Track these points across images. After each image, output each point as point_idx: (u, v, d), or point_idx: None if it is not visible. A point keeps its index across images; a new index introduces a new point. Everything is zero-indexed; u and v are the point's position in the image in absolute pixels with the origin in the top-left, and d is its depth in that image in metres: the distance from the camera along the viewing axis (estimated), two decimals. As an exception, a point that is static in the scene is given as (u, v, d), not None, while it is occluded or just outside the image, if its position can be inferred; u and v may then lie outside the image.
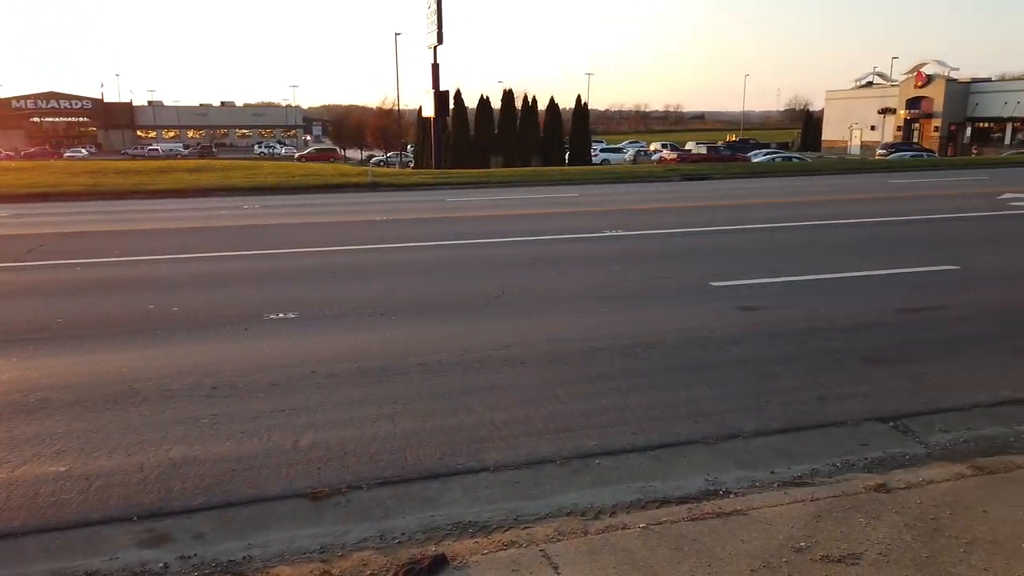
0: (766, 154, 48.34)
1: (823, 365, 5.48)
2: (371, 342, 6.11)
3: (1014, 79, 58.42)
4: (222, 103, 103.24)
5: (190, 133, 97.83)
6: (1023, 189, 17.67)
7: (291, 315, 6.91)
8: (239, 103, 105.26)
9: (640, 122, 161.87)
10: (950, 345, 5.91)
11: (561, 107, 52.31)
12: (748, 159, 44.41)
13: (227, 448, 4.18)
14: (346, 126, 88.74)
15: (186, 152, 78.33)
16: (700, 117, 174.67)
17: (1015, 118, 55.23)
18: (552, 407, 4.75)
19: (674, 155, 48.96)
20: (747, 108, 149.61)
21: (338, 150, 70.70)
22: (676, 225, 12.80)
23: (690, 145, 59.12)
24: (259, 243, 11.33)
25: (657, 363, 5.56)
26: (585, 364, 5.54)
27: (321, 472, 3.92)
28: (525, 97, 49.28)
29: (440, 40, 32.30)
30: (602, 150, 58.97)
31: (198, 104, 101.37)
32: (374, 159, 70.13)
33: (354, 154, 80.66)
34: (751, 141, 67.26)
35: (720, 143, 61.09)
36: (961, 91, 59.60)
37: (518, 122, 47.95)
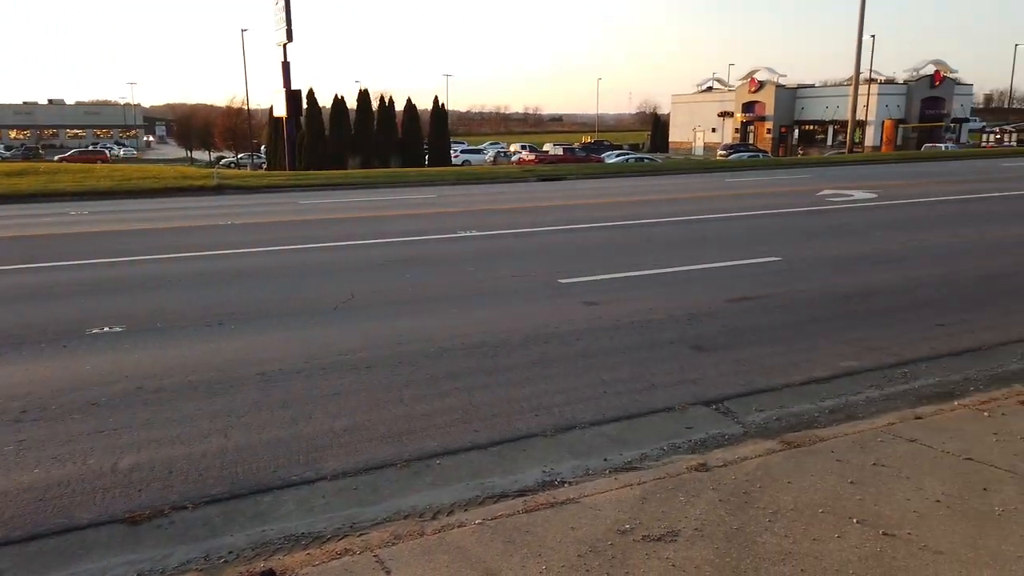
0: (618, 155, 50.48)
1: (657, 355, 5.78)
2: (207, 353, 5.81)
3: (835, 85, 64.27)
4: (50, 101, 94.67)
5: (12, 134, 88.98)
6: (839, 186, 19.47)
7: (117, 328, 6.44)
8: (70, 101, 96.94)
9: (501, 124, 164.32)
10: (769, 331, 6.40)
11: (420, 108, 52.16)
12: (602, 160, 46.19)
13: (34, 476, 3.83)
14: (192, 126, 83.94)
15: (7, 154, 71.13)
16: (558, 119, 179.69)
17: (836, 121, 60.75)
18: (396, 410, 4.71)
19: (532, 156, 50.08)
20: (602, 111, 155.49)
21: (107, 152, 65.80)
22: (529, 225, 13.08)
23: (548, 147, 60.62)
24: (84, 252, 10.48)
25: (503, 361, 5.65)
26: (432, 365, 5.54)
27: (142, 494, 3.67)
28: (382, 98, 48.64)
29: (290, 38, 31.22)
30: (463, 151, 59.27)
31: (21, 102, 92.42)
32: (224, 160, 66.82)
33: (202, 155, 76.43)
34: (605, 143, 70.05)
35: (576, 145, 63.10)
36: (789, 96, 64.89)
37: (375, 123, 47.24)
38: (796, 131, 64.93)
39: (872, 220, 13.25)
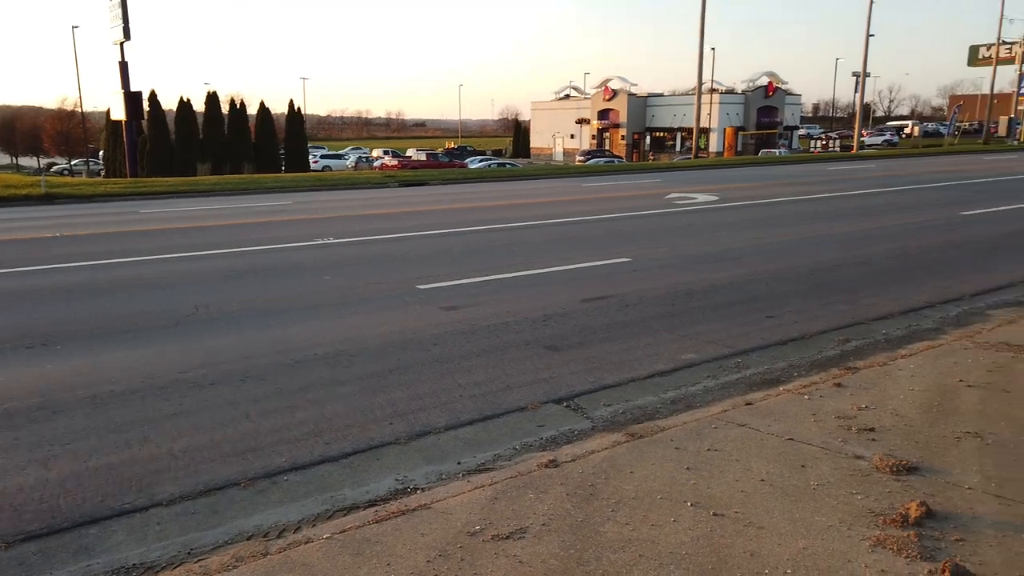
0: (481, 160, 50.99)
1: (512, 356, 5.87)
2: (27, 378, 5.31)
3: (681, 94, 68.09)
4: None
5: None
6: (685, 189, 20.64)
7: (-81, 355, 5.76)
8: None
9: (363, 129, 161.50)
10: (619, 328, 6.67)
11: (276, 112, 50.25)
12: (465, 165, 46.43)
13: None
14: (17, 129, 76.57)
15: None
16: (422, 125, 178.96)
17: (683, 128, 64.34)
18: (241, 427, 4.51)
19: (395, 162, 49.55)
20: (465, 117, 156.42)
21: None
22: (390, 231, 12.93)
23: (411, 152, 60.17)
24: None
25: (358, 369, 5.55)
26: (282, 378, 5.35)
27: (-56, 539, 3.30)
28: (233, 101, 46.41)
29: (127, 36, 29.17)
30: (323, 156, 57.79)
31: None
32: (55, 167, 61.43)
33: (30, 162, 69.90)
34: (469, 148, 70.46)
35: (439, 150, 63.13)
36: (640, 104, 68.09)
37: (226, 127, 45.03)
38: (648, 137, 68.22)
39: (714, 221, 14.14)
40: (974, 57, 63.99)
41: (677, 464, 3.81)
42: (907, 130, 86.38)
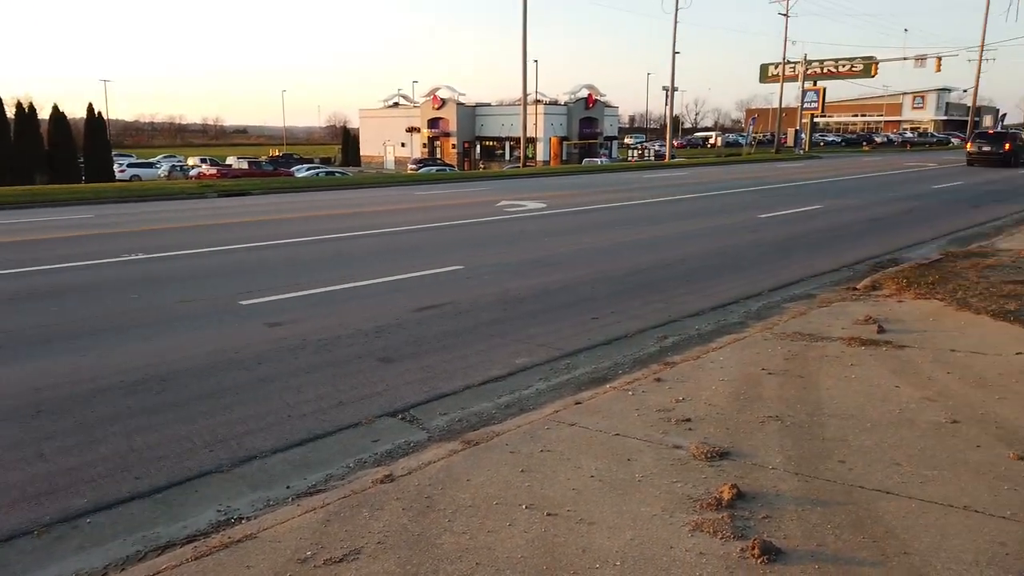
0: (308, 169, 49.34)
1: (344, 371, 5.70)
2: None
3: (509, 105, 69.83)
4: None
5: None
6: (515, 197, 21.15)
7: None
8: None
9: (177, 135, 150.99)
10: (453, 336, 6.68)
11: (73, 117, 45.77)
12: (291, 174, 44.74)
13: None
14: None
15: None
16: (243, 131, 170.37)
17: (511, 137, 65.98)
18: (34, 469, 4.02)
19: (214, 170, 46.81)
20: (290, 123, 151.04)
21: None
22: (207, 244, 12.15)
23: (231, 160, 57.13)
24: None
25: (172, 395, 5.14)
26: (83, 410, 4.84)
27: None
28: (20, 104, 41.65)
29: None
30: (130, 165, 53.27)
31: None
32: None
33: None
34: (295, 156, 67.98)
35: (263, 158, 60.36)
36: (469, 113, 69.05)
37: (12, 134, 40.27)
38: (478, 146, 69.33)
39: (542, 227, 14.59)
40: (765, 74, 70.99)
41: (512, 468, 3.85)
42: (711, 141, 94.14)
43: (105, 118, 48.15)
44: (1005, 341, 5.85)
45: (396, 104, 76.57)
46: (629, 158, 66.33)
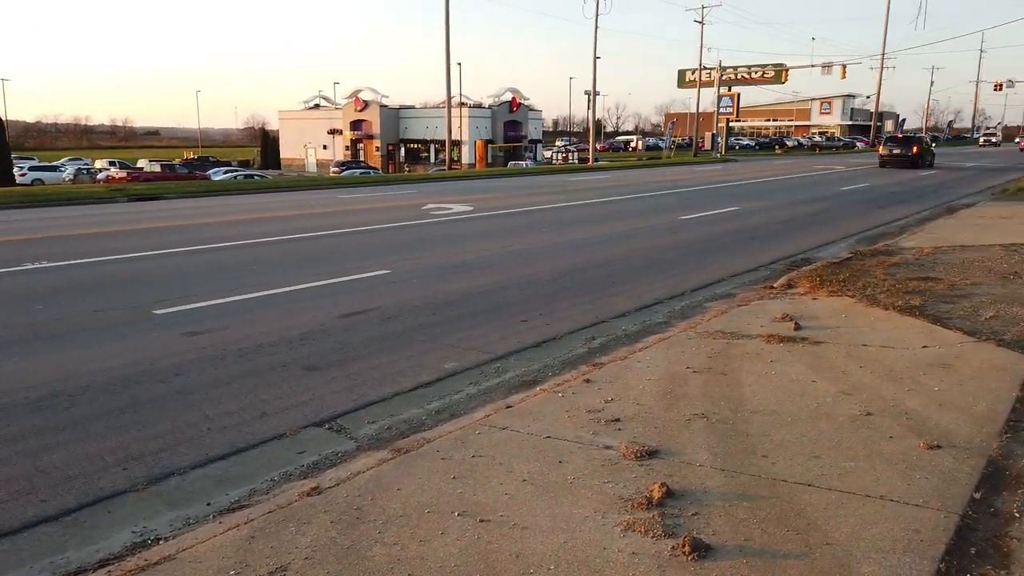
0: (226, 172, 47.84)
1: (267, 380, 5.52)
2: None
3: (433, 107, 69.43)
4: None
5: None
6: (441, 200, 21.04)
7: None
8: None
9: (83, 137, 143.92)
10: (380, 342, 6.57)
11: (-33, 116, 42.84)
12: (207, 177, 43.26)
13: None
14: None
15: None
16: (155, 133, 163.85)
17: (436, 140, 65.66)
18: (-75, 495, 3.72)
19: (124, 174, 44.76)
20: (205, 125, 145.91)
21: None
22: (118, 251, 11.59)
23: (142, 163, 54.73)
24: None
25: (82, 411, 4.87)
26: (-19, 430, 4.52)
27: None
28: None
29: None
30: (32, 168, 50.45)
31: None
32: None
33: None
34: (211, 159, 65.75)
35: (177, 161, 58.11)
36: (393, 115, 68.33)
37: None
38: (403, 149, 68.67)
39: (469, 230, 14.56)
40: (682, 80, 73.03)
41: (444, 475, 3.80)
42: (632, 144, 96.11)
43: (3, 119, 45.44)
44: (912, 335, 6.16)
45: (317, 106, 75.08)
46: (554, 161, 67.04)
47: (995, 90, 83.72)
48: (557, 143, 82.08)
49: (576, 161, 63.22)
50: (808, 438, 4.15)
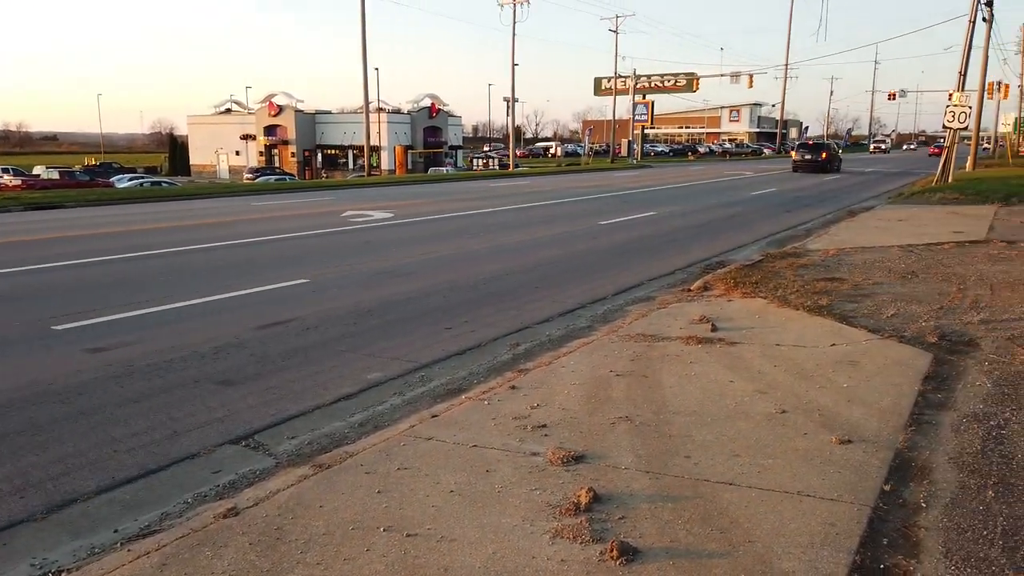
0: (132, 179, 45.73)
1: (179, 397, 5.27)
2: None
3: (351, 112, 68.41)
4: None
5: None
6: (361, 207, 20.71)
7: None
8: None
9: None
10: (300, 353, 6.38)
11: None
12: (111, 185, 41.23)
13: None
14: None
15: None
16: (52, 138, 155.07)
17: (354, 146, 64.68)
18: None
19: (18, 181, 42.19)
20: (109, 130, 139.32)
21: None
22: (12, 263, 10.88)
23: (39, 170, 51.73)
24: None
25: (-28, 437, 4.51)
26: None
27: None
28: None
29: None
30: (-87, 175, 46.87)
31: None
32: None
33: None
34: (115, 165, 62.71)
35: (77, 167, 55.17)
36: (309, 121, 66.93)
37: None
38: (320, 155, 67.32)
39: (390, 237, 14.37)
40: (598, 87, 74.43)
41: (368, 489, 3.70)
42: (551, 151, 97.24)
43: None
44: (821, 334, 6.42)
45: (229, 110, 72.79)
46: (475, 167, 67.09)
47: (889, 99, 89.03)
48: (486, 148, 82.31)
49: (497, 167, 63.46)
50: (728, 437, 4.25)
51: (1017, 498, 3.46)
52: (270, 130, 66.34)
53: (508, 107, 56.64)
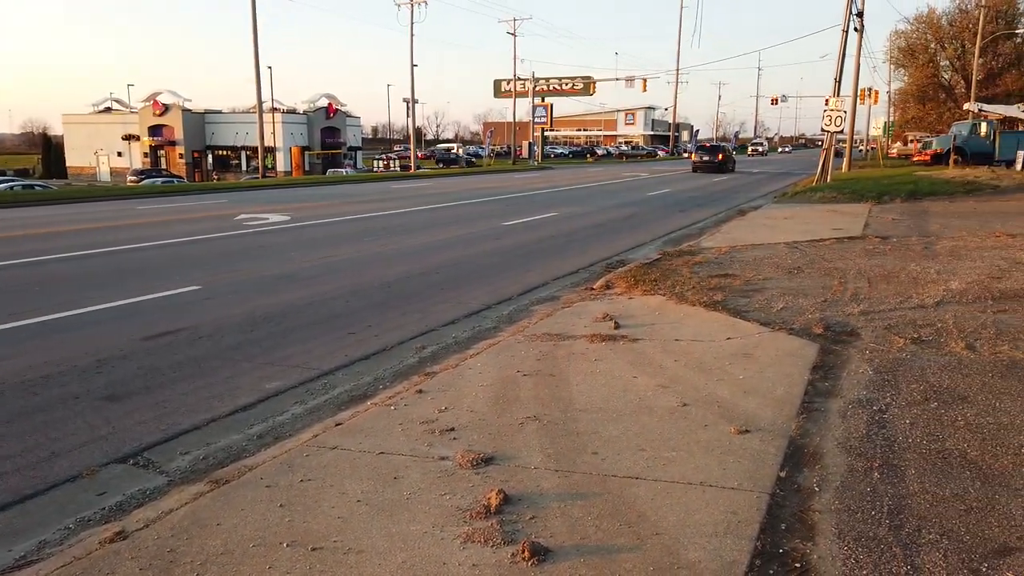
0: (1, 182, 42.40)
1: (58, 416, 4.89)
2: None
3: (243, 112, 65.95)
4: None
5: None
6: (255, 210, 19.98)
7: None
8: None
9: None
10: (192, 364, 6.06)
11: None
12: (-24, 188, 38.04)
13: None
14: None
15: None
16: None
17: (247, 147, 62.42)
18: None
19: None
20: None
21: None
22: None
23: None
24: None
25: None
26: None
27: None
28: None
29: None
30: None
31: None
32: None
33: None
34: (-19, 167, 58.03)
35: (-64, 169, 50.69)
36: (198, 120, 64.08)
37: None
38: (210, 156, 64.57)
39: (288, 241, 13.91)
40: (498, 89, 74.98)
41: (269, 504, 3.54)
42: (454, 152, 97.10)
43: None
44: (717, 328, 6.66)
45: (109, 109, 68.74)
46: (375, 168, 66.11)
47: (772, 104, 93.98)
48: (395, 148, 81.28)
49: (398, 168, 62.76)
50: (633, 432, 4.33)
51: (900, 478, 3.68)
52: (155, 130, 63.08)
53: (408, 108, 56.16)
